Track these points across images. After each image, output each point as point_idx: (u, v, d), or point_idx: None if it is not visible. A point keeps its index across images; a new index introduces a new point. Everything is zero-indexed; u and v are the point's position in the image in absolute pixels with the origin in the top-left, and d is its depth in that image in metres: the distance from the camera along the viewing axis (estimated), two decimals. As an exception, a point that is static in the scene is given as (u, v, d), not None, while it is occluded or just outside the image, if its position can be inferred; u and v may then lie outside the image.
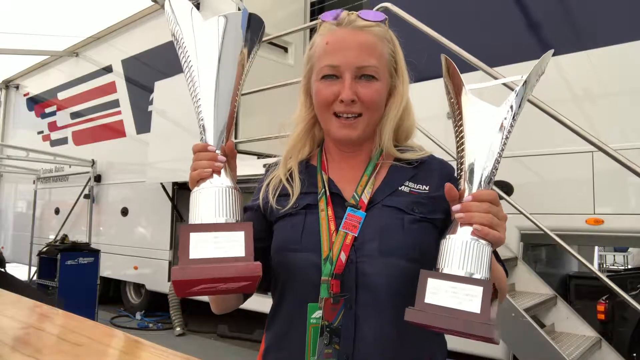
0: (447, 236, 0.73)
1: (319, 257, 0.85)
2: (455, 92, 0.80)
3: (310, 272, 0.85)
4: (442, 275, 0.69)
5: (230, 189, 0.78)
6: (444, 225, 0.87)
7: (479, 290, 0.66)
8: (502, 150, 0.76)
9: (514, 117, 0.76)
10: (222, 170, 0.80)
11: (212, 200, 0.77)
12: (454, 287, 0.68)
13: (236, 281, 0.72)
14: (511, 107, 0.76)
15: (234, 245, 0.73)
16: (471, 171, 0.75)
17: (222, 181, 0.79)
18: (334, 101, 0.87)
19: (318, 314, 0.82)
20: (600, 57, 2.90)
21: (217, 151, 0.81)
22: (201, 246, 0.72)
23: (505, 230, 0.73)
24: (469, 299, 0.66)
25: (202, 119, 0.82)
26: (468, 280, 0.68)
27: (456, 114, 0.80)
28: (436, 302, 0.67)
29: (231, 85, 0.84)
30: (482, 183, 0.74)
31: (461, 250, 0.70)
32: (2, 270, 4.34)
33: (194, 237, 0.73)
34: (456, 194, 0.75)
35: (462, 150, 0.77)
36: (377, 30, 0.89)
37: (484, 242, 0.70)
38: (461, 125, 0.78)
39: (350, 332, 0.82)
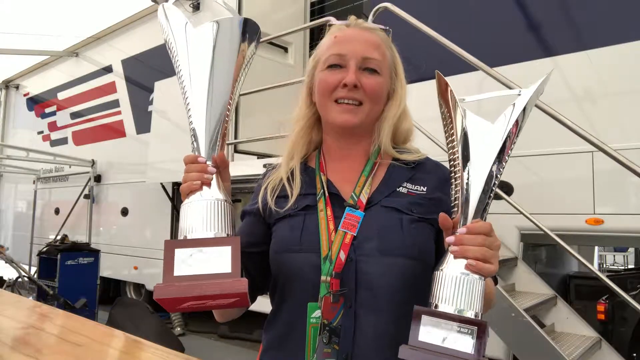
0: (440, 269, 0.73)
1: (318, 257, 0.85)
2: (448, 113, 0.79)
3: (310, 272, 0.85)
4: (436, 312, 0.70)
5: (219, 202, 0.76)
6: None
7: (472, 330, 0.67)
8: (498, 179, 0.74)
9: (510, 146, 0.75)
10: (213, 182, 0.78)
11: (200, 214, 0.75)
12: (447, 325, 0.68)
13: (223, 298, 0.70)
14: (507, 136, 0.74)
15: (220, 261, 0.71)
16: (466, 201, 0.74)
17: (211, 194, 0.77)
18: (336, 87, 0.90)
19: (318, 313, 0.83)
20: (600, 57, 2.90)
21: (208, 162, 0.79)
22: (186, 262, 0.71)
23: (498, 258, 0.74)
24: (463, 339, 0.67)
25: (193, 128, 0.80)
26: (462, 319, 0.68)
27: (450, 139, 0.78)
28: (430, 340, 0.68)
29: (225, 93, 0.82)
30: (477, 213, 0.73)
31: (454, 286, 0.70)
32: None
33: (178, 252, 0.71)
34: (450, 224, 0.75)
35: (457, 179, 0.76)
36: (381, 34, 0.96)
37: (476, 276, 0.71)
38: (456, 152, 0.76)
39: (350, 332, 0.82)
